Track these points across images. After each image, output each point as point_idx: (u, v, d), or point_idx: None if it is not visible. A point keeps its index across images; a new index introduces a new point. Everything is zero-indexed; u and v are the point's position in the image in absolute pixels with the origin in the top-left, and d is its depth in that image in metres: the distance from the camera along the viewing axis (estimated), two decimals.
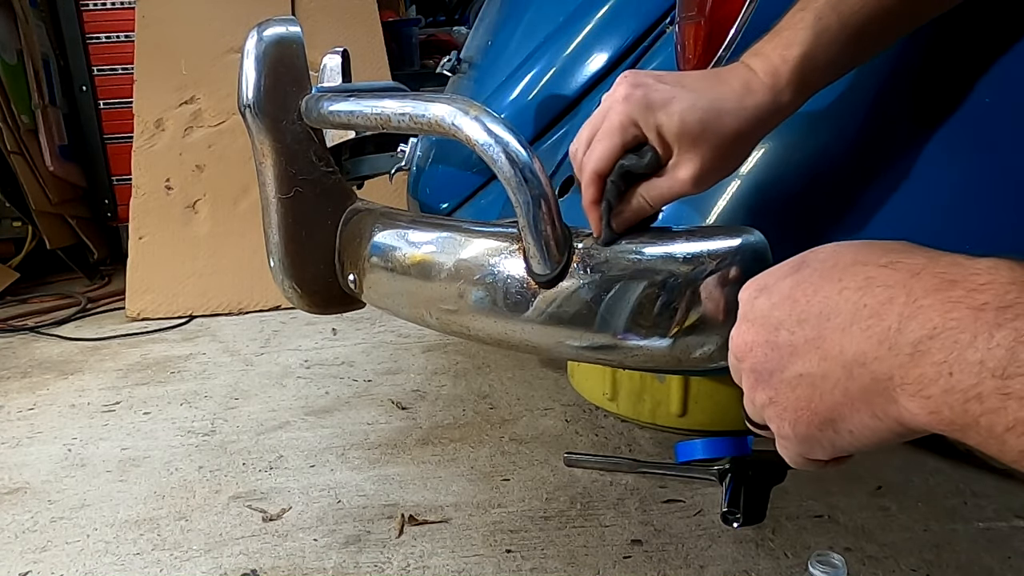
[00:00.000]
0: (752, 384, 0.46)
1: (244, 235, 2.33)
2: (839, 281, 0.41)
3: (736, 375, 0.48)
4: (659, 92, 0.61)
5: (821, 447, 0.44)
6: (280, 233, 0.94)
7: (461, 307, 0.75)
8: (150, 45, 2.45)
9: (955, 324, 0.35)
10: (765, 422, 0.47)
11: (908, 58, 0.68)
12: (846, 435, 0.42)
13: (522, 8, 1.12)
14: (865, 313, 0.39)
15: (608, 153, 0.63)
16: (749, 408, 0.48)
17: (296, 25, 0.90)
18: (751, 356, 0.45)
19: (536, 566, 1.11)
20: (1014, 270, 0.35)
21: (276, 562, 1.15)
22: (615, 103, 0.62)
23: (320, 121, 0.88)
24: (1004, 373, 0.33)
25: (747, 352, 0.45)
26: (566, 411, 1.59)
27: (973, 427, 0.35)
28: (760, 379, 0.45)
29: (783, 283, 0.44)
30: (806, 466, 0.47)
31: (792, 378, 0.43)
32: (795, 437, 0.44)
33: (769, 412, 0.45)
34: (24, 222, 2.71)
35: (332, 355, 1.97)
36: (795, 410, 0.43)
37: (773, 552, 1.12)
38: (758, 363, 0.45)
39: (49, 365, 2.01)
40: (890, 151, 0.69)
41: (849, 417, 0.41)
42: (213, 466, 1.44)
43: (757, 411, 0.46)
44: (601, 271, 0.66)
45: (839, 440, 0.43)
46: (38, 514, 1.30)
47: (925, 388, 0.36)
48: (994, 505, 1.20)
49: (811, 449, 0.44)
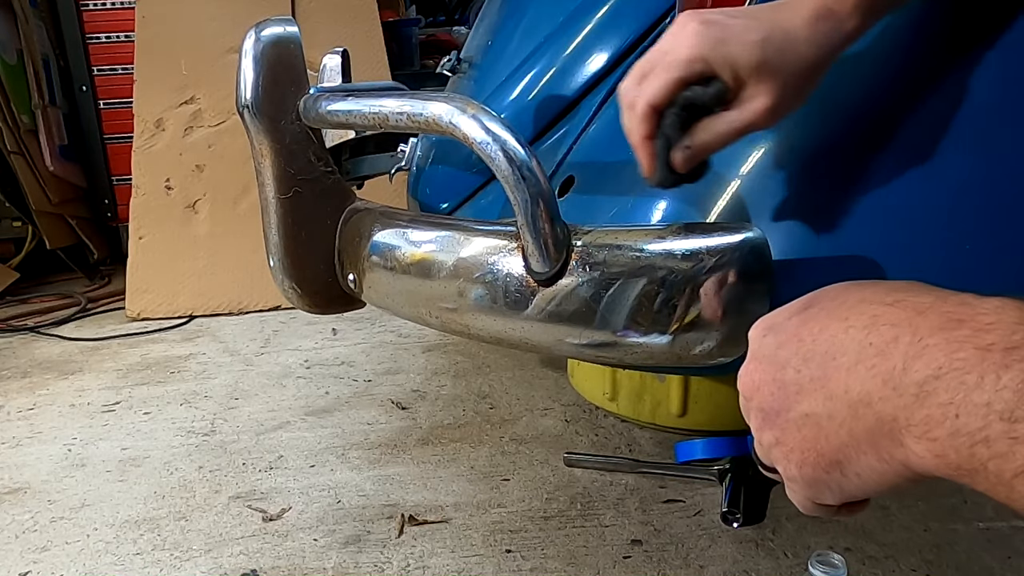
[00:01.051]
0: (759, 424, 0.45)
1: (244, 235, 2.33)
2: (845, 320, 0.40)
3: (746, 414, 0.47)
4: (732, 26, 0.59)
5: (829, 490, 0.42)
6: (280, 233, 0.94)
7: (461, 306, 0.75)
8: (150, 45, 2.45)
9: (961, 364, 0.34)
10: (773, 463, 0.46)
11: (909, 44, 0.68)
12: (853, 478, 0.40)
13: (522, 8, 1.12)
14: (870, 352, 0.38)
15: (668, 84, 0.59)
16: (758, 448, 0.47)
17: (294, 25, 0.90)
18: (758, 395, 0.44)
19: (536, 566, 1.11)
20: (1022, 310, 0.35)
21: (276, 562, 1.15)
22: (683, 38, 0.59)
23: (318, 121, 0.87)
24: (1012, 416, 0.32)
25: (755, 391, 0.45)
26: (566, 411, 1.59)
27: (981, 472, 0.34)
28: (767, 419, 0.44)
29: (790, 322, 0.44)
30: (816, 512, 0.45)
31: (798, 418, 0.42)
32: (802, 479, 0.43)
33: (776, 453, 0.44)
34: (24, 222, 2.71)
35: (332, 355, 1.97)
36: (801, 451, 0.42)
37: (773, 552, 1.12)
38: (765, 402, 0.44)
39: (49, 365, 2.01)
40: (898, 141, 0.69)
41: (855, 459, 0.40)
42: (213, 466, 1.44)
43: (765, 451, 0.45)
44: (600, 268, 0.66)
45: (846, 484, 0.41)
46: (38, 514, 1.30)
47: (931, 430, 0.35)
48: (994, 505, 1.20)
49: (819, 492, 0.43)
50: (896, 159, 0.68)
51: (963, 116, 0.66)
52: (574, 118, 0.95)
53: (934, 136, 0.67)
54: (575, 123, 0.93)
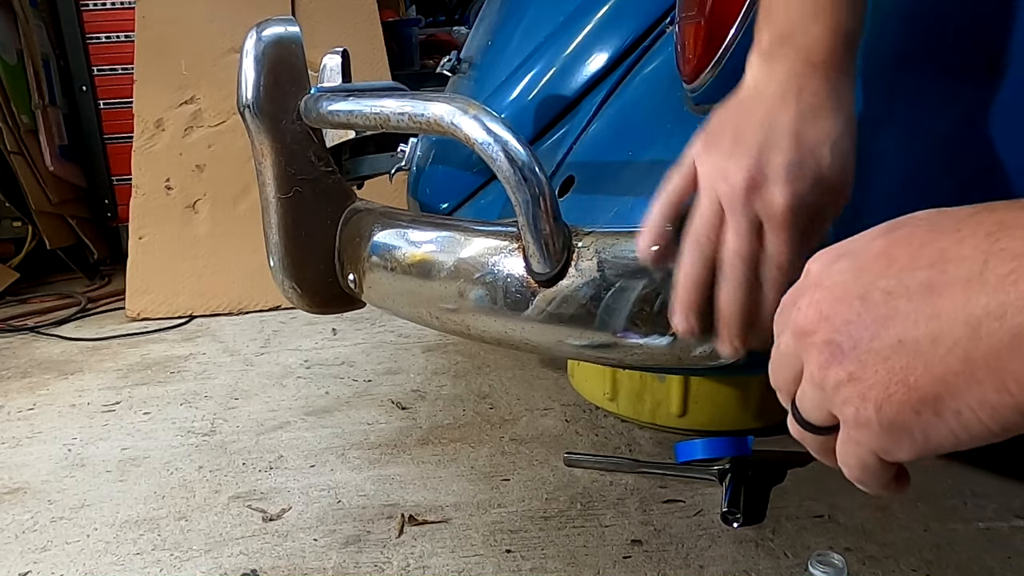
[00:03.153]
0: (825, 360, 0.37)
1: (244, 235, 2.33)
2: (957, 232, 0.34)
3: (802, 353, 0.39)
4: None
5: (910, 439, 0.35)
6: (280, 233, 0.95)
7: (461, 306, 0.76)
8: (150, 45, 2.45)
9: None
10: (831, 410, 0.38)
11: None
12: (950, 419, 0.34)
13: (522, 8, 1.12)
14: (1004, 257, 0.32)
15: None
16: (811, 396, 0.38)
17: (295, 25, 0.90)
18: (826, 326, 0.37)
19: (536, 566, 1.11)
20: None
21: (276, 562, 1.15)
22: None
23: (319, 121, 0.88)
24: None
25: (819, 323, 0.37)
26: (566, 411, 1.59)
27: None
28: (838, 353, 0.36)
29: (872, 244, 0.37)
30: (868, 477, 0.38)
31: (886, 347, 0.35)
32: (879, 424, 0.35)
33: (847, 392, 0.36)
34: (24, 222, 2.70)
35: (332, 355, 1.97)
36: (886, 385, 0.35)
37: (773, 552, 1.12)
38: (836, 334, 0.36)
39: (49, 365, 2.01)
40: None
41: (962, 392, 0.33)
42: (213, 466, 1.44)
43: (826, 396, 0.37)
44: (601, 269, 0.66)
45: (937, 428, 0.34)
46: (38, 514, 1.30)
47: None
48: (994, 505, 1.20)
49: (896, 441, 0.36)
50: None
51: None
52: (574, 118, 0.95)
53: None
54: (575, 123, 0.93)
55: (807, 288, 0.39)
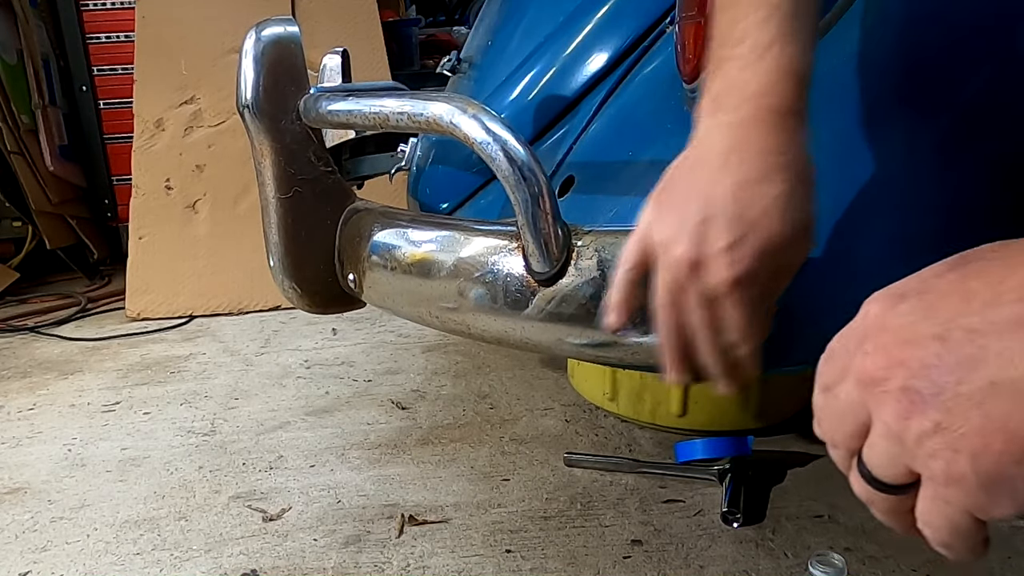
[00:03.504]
0: (903, 411, 0.33)
1: (244, 235, 2.33)
2: None
3: (852, 412, 0.35)
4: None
5: (1011, 493, 0.31)
6: (280, 233, 0.94)
7: (461, 305, 0.76)
8: (150, 45, 2.45)
9: None
10: (911, 466, 0.34)
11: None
12: None
13: (522, 8, 1.12)
14: None
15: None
16: (885, 451, 0.34)
17: (294, 25, 0.90)
18: (901, 372, 0.33)
19: (536, 566, 1.11)
20: None
21: (276, 562, 1.15)
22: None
23: (319, 121, 0.88)
24: None
25: (892, 368, 0.34)
26: (566, 411, 1.59)
27: None
28: (919, 402, 0.32)
29: (939, 282, 0.34)
30: (964, 539, 0.33)
31: (977, 391, 0.31)
32: (976, 477, 0.31)
33: (933, 444, 0.32)
34: (24, 222, 2.71)
35: (332, 355, 1.97)
36: (981, 435, 0.31)
37: (773, 552, 1.12)
38: (914, 380, 0.33)
39: (49, 365, 2.01)
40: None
41: None
42: (213, 466, 1.44)
43: (906, 449, 0.33)
44: (601, 269, 0.66)
45: None
46: (38, 514, 1.30)
47: None
48: None
49: (994, 497, 0.32)
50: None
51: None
52: (574, 118, 0.95)
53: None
54: (575, 123, 0.93)
55: (869, 331, 0.35)
